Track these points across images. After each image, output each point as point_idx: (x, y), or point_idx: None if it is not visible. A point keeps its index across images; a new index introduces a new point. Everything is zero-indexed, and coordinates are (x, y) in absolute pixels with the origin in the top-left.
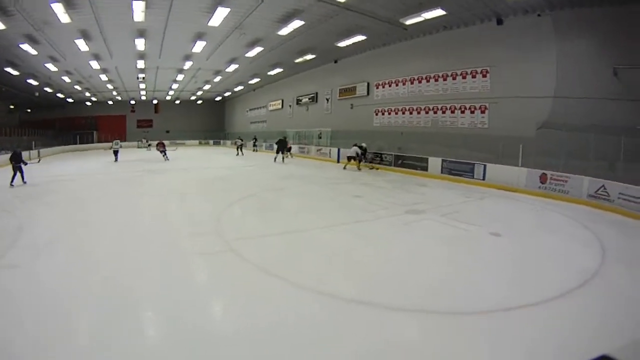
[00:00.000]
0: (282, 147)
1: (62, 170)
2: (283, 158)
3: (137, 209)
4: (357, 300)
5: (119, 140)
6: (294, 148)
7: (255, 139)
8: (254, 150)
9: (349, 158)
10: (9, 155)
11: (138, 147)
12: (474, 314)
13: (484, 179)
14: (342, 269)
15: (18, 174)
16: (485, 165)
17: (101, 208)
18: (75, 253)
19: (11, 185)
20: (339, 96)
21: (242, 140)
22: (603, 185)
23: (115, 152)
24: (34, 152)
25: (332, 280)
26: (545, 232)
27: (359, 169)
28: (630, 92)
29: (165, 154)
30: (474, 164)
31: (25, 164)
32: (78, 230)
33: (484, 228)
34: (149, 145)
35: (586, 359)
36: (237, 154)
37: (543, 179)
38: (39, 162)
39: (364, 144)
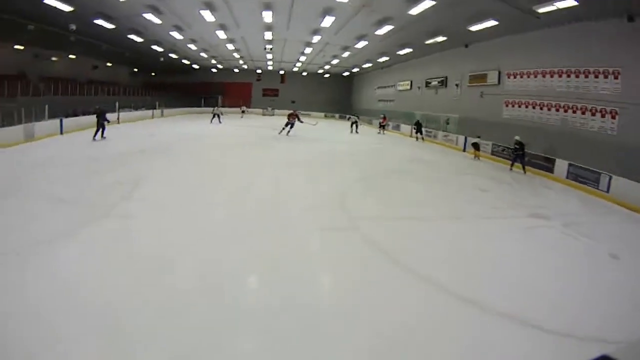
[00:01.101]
0: (419, 128)
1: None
2: (423, 138)
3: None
4: (507, 314)
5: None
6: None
7: (384, 116)
8: (378, 132)
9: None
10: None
11: (263, 115)
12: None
13: (608, 192)
14: (478, 271)
15: (100, 130)
16: (610, 177)
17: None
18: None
19: (94, 139)
20: (469, 83)
21: (357, 117)
22: None
23: (216, 116)
24: (157, 112)
25: (470, 282)
26: None
27: (478, 158)
28: None
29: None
30: (600, 173)
31: (109, 121)
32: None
33: (602, 247)
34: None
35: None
36: (352, 131)
37: None
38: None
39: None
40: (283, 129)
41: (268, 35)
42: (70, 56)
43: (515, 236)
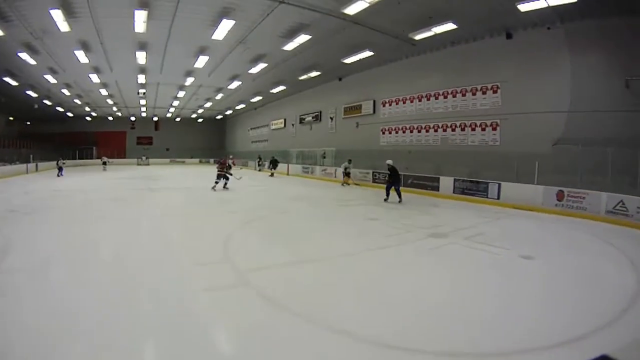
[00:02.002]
0: (274, 165)
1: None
2: (272, 173)
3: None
4: (405, 347)
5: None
6: (298, 168)
7: (260, 159)
8: (258, 170)
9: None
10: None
11: (138, 164)
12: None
13: (498, 198)
14: (378, 306)
15: None
16: (499, 184)
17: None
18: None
19: None
20: (344, 115)
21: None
22: (622, 201)
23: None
24: (31, 166)
25: (370, 321)
26: (573, 252)
27: (347, 184)
28: None
29: (226, 179)
30: (488, 182)
31: None
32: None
33: (512, 251)
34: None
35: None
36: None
37: (560, 196)
38: None
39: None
40: (216, 182)
41: (141, 79)
42: None
43: (422, 260)
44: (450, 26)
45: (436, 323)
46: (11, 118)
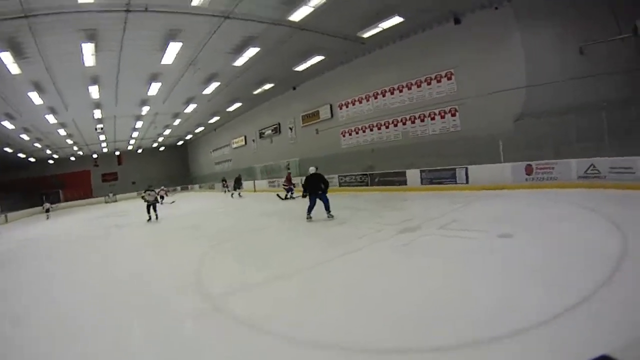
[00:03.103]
0: (239, 184)
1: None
2: (239, 194)
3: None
4: (396, 349)
5: None
6: (264, 184)
7: (225, 180)
8: (224, 192)
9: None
10: None
11: (106, 202)
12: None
13: (467, 182)
14: (361, 312)
15: None
16: (467, 168)
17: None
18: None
19: None
20: (303, 123)
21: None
22: (592, 164)
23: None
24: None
25: (356, 328)
26: (552, 222)
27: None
28: (597, 67)
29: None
30: (455, 168)
31: None
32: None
33: (490, 232)
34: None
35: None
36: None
37: (529, 170)
38: None
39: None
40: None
41: (98, 114)
42: None
43: (397, 257)
44: (396, 20)
45: (426, 319)
46: None
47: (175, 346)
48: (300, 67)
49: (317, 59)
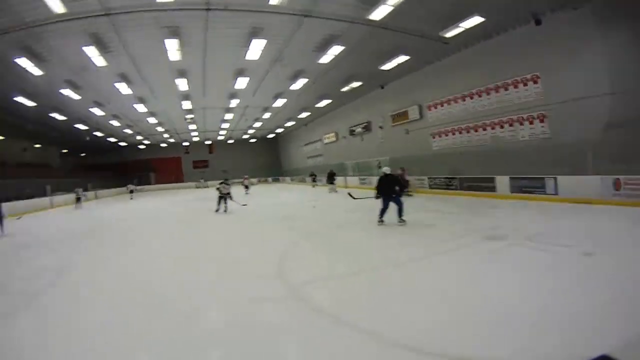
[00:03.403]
0: (331, 179)
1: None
2: (334, 189)
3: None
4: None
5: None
6: (355, 180)
7: (314, 174)
8: (313, 186)
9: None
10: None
11: (197, 187)
12: None
13: (556, 193)
14: (443, 316)
15: None
16: (556, 178)
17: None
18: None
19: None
20: (392, 122)
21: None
22: None
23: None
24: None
25: (438, 332)
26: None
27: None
28: None
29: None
30: (544, 177)
31: (3, 216)
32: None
33: (574, 248)
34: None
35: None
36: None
37: (617, 185)
38: None
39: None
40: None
41: (186, 105)
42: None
43: (482, 265)
44: (477, 19)
45: (507, 329)
46: (64, 151)
47: (257, 329)
48: (386, 67)
49: (402, 58)
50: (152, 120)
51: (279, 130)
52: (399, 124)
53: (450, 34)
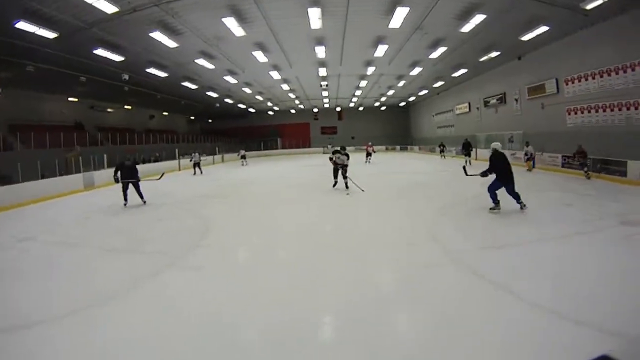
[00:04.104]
0: (467, 150)
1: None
2: (469, 161)
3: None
4: None
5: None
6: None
7: (442, 145)
8: (441, 157)
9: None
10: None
11: (324, 153)
12: None
13: None
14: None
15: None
16: None
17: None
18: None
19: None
20: (528, 96)
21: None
22: None
23: (196, 165)
24: (217, 157)
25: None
26: None
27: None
28: None
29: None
30: None
31: (138, 179)
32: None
33: None
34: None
35: None
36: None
37: None
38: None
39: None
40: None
41: (322, 72)
42: (126, 107)
43: (621, 249)
44: None
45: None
46: (192, 117)
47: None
48: (526, 37)
49: (542, 29)
50: (284, 87)
51: (411, 99)
52: (534, 98)
53: (591, 5)
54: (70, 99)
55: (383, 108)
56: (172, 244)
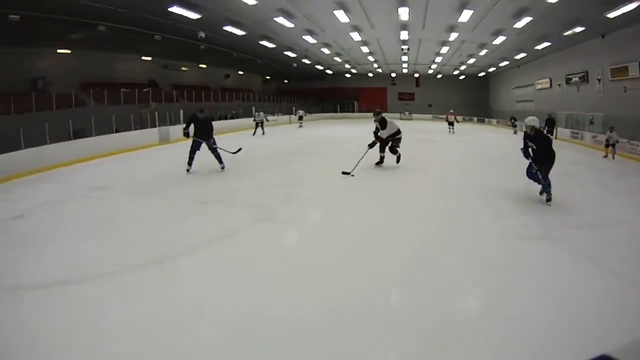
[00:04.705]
0: (552, 125)
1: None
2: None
3: None
4: None
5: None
6: (566, 133)
7: (513, 118)
8: (514, 132)
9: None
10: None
11: (401, 119)
12: None
13: None
14: None
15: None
16: None
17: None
18: None
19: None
20: (611, 77)
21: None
22: None
23: (259, 124)
24: (293, 117)
25: None
26: None
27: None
28: None
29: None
30: None
31: (211, 138)
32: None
33: None
34: None
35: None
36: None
37: None
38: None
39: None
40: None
41: (404, 35)
42: (201, 65)
43: None
44: None
45: None
46: (268, 77)
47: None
48: (612, 14)
49: (630, 6)
50: (364, 49)
51: (491, 70)
52: (617, 80)
53: None
54: (143, 58)
55: (462, 77)
56: (258, 198)
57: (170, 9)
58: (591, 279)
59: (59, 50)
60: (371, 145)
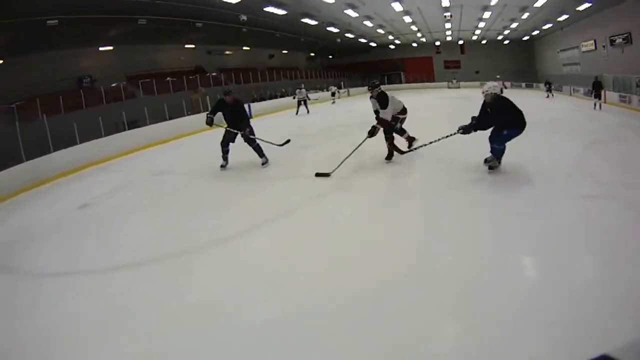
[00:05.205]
0: (598, 89)
1: None
2: (600, 104)
3: None
4: None
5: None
6: (614, 96)
7: (548, 83)
8: (547, 96)
9: None
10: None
11: (448, 87)
12: None
13: None
14: None
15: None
16: None
17: None
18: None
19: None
20: None
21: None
22: None
23: (301, 103)
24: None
25: None
26: None
27: None
28: None
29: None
30: None
31: (246, 131)
32: None
33: None
34: None
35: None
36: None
37: None
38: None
39: None
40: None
41: (445, 2)
42: (245, 48)
43: None
44: None
45: None
46: (312, 54)
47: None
48: None
49: None
50: (407, 19)
51: (535, 33)
52: None
53: None
54: (187, 45)
55: (506, 42)
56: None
57: None
58: None
59: (100, 48)
60: (371, 133)
